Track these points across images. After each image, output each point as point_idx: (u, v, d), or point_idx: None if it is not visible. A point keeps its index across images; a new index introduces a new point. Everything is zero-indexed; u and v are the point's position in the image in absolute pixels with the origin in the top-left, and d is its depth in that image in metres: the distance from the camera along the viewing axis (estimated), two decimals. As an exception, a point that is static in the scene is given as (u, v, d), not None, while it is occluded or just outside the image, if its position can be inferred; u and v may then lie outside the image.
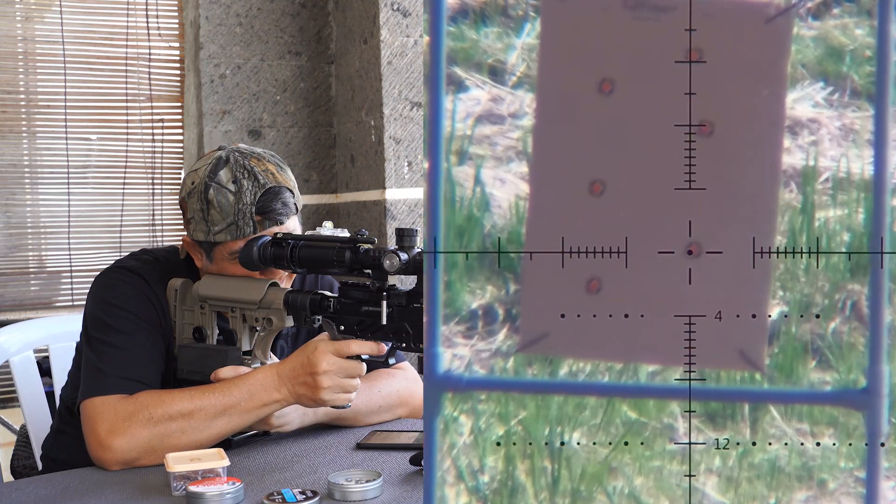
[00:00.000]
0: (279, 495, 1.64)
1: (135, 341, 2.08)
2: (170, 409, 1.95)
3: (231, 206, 2.07)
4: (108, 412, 1.96)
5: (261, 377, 1.96)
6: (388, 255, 1.79)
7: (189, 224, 2.15)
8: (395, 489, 1.74)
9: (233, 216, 2.07)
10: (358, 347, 1.89)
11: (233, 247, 2.09)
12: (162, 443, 1.93)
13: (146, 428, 1.93)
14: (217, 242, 2.10)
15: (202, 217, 2.09)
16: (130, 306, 2.11)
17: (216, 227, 2.08)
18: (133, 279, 2.15)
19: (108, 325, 2.09)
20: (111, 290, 2.14)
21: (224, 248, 2.10)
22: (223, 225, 2.08)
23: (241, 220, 2.06)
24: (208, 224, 2.09)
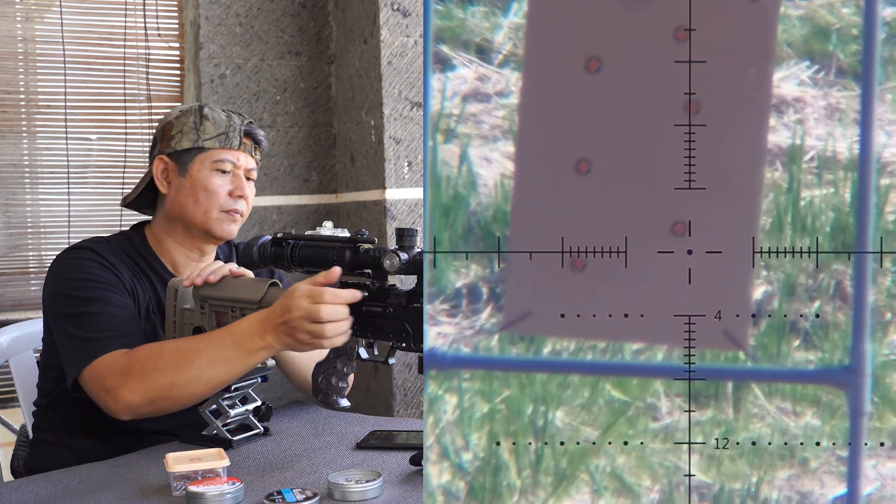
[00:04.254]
0: (279, 495, 1.63)
1: (109, 303, 2.12)
2: (159, 362, 1.97)
3: (224, 122, 2.35)
4: (108, 369, 2.00)
5: (245, 325, 1.96)
6: (388, 255, 1.79)
7: (171, 141, 2.36)
8: (395, 489, 1.73)
9: (224, 128, 2.35)
10: (332, 297, 1.87)
11: (218, 155, 2.33)
12: (158, 394, 1.96)
13: (141, 382, 1.96)
14: (204, 149, 2.33)
15: (193, 128, 2.34)
16: (92, 276, 2.17)
17: (206, 135, 2.33)
18: (85, 254, 2.22)
19: (77, 298, 2.13)
20: (67, 268, 2.20)
21: (208, 155, 2.33)
22: (213, 134, 2.34)
23: (231, 133, 2.34)
24: (199, 132, 2.34)
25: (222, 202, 2.32)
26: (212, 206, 2.32)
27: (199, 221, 2.33)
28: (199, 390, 1.98)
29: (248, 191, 2.36)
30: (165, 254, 2.38)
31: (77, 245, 2.27)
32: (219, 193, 2.32)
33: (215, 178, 2.33)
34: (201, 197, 2.32)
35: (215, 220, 2.32)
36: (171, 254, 2.38)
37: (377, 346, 1.93)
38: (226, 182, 2.33)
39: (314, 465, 1.90)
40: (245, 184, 2.36)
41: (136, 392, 1.96)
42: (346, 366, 1.95)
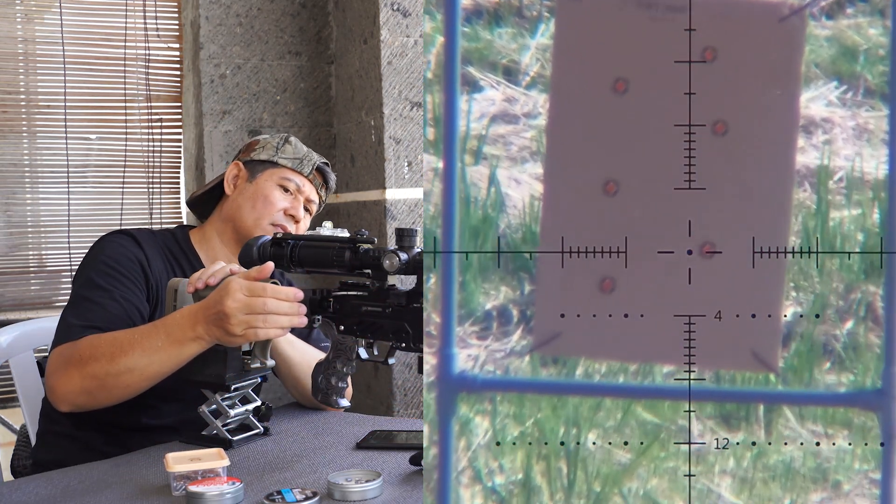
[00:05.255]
0: (279, 495, 1.63)
1: (111, 296, 2.14)
2: (96, 352, 1.97)
3: (303, 152, 2.50)
4: (56, 357, 2.02)
5: (178, 316, 1.96)
6: (388, 255, 1.78)
7: (251, 152, 2.51)
8: (395, 489, 1.73)
9: (302, 156, 2.49)
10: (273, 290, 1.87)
11: (287, 173, 2.46)
12: (94, 384, 1.96)
13: (78, 370, 1.97)
14: (276, 163, 2.47)
15: (275, 146, 2.49)
16: (115, 264, 2.21)
17: (284, 155, 2.48)
18: (124, 239, 2.29)
19: (93, 282, 2.17)
20: (102, 249, 2.26)
21: (277, 171, 2.46)
22: (291, 156, 2.48)
23: (305, 161, 2.48)
24: (279, 151, 2.48)
25: (275, 215, 2.42)
26: (265, 214, 2.41)
27: (249, 226, 2.40)
28: (133, 381, 1.96)
29: (301, 215, 2.46)
30: (209, 251, 2.44)
31: (121, 230, 2.34)
32: (275, 206, 2.42)
33: (277, 192, 2.44)
34: (259, 204, 2.42)
35: (263, 230, 2.38)
36: (214, 252, 2.44)
37: (377, 346, 1.93)
38: (286, 199, 2.44)
39: (314, 465, 1.89)
40: (301, 209, 2.46)
41: (73, 380, 1.97)
42: (345, 366, 1.94)
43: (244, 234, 2.38)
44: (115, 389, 1.97)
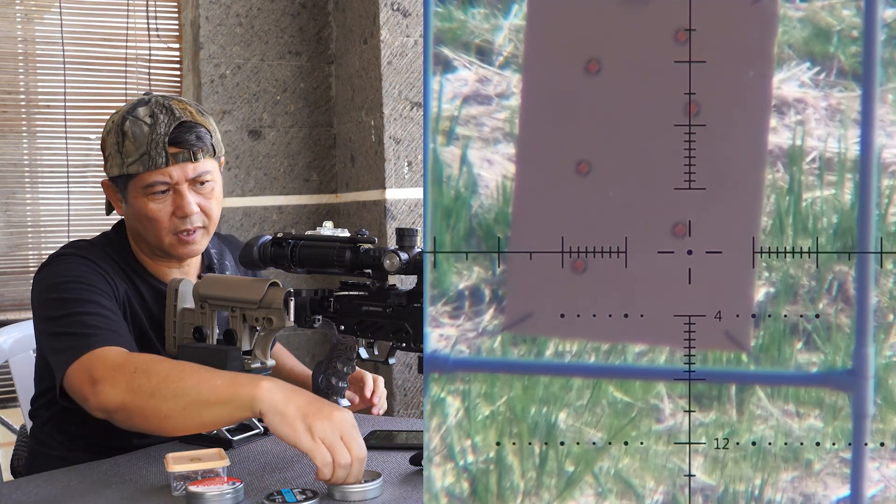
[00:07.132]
0: (279, 495, 1.63)
1: (100, 304, 2.00)
2: (153, 367, 1.81)
3: (145, 137, 2.06)
4: (100, 361, 1.85)
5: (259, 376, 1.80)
6: (388, 255, 1.78)
7: (106, 163, 2.14)
8: (395, 489, 1.72)
9: (146, 146, 2.05)
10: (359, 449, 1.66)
11: (146, 179, 2.07)
12: (136, 400, 1.77)
13: (128, 380, 1.79)
14: (131, 175, 2.08)
15: (117, 150, 2.09)
16: (80, 278, 2.04)
17: (129, 159, 2.07)
18: (72, 259, 2.09)
19: (65, 300, 2.00)
20: (54, 274, 2.07)
21: (138, 180, 2.08)
22: (136, 156, 2.06)
23: (153, 150, 2.05)
24: (122, 156, 2.08)
25: (167, 226, 2.12)
26: (158, 232, 2.13)
27: (156, 245, 2.16)
28: (175, 410, 1.76)
29: (194, 204, 2.12)
30: (145, 259, 2.23)
31: (60, 252, 2.13)
32: (159, 219, 2.11)
33: (151, 204, 2.10)
34: (146, 225, 2.13)
35: (169, 245, 2.15)
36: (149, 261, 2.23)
37: (377, 346, 1.93)
38: (165, 205, 2.11)
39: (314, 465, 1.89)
40: (189, 199, 2.11)
41: (118, 389, 1.79)
42: (346, 366, 1.94)
43: (160, 251, 2.19)
44: (154, 414, 1.78)
